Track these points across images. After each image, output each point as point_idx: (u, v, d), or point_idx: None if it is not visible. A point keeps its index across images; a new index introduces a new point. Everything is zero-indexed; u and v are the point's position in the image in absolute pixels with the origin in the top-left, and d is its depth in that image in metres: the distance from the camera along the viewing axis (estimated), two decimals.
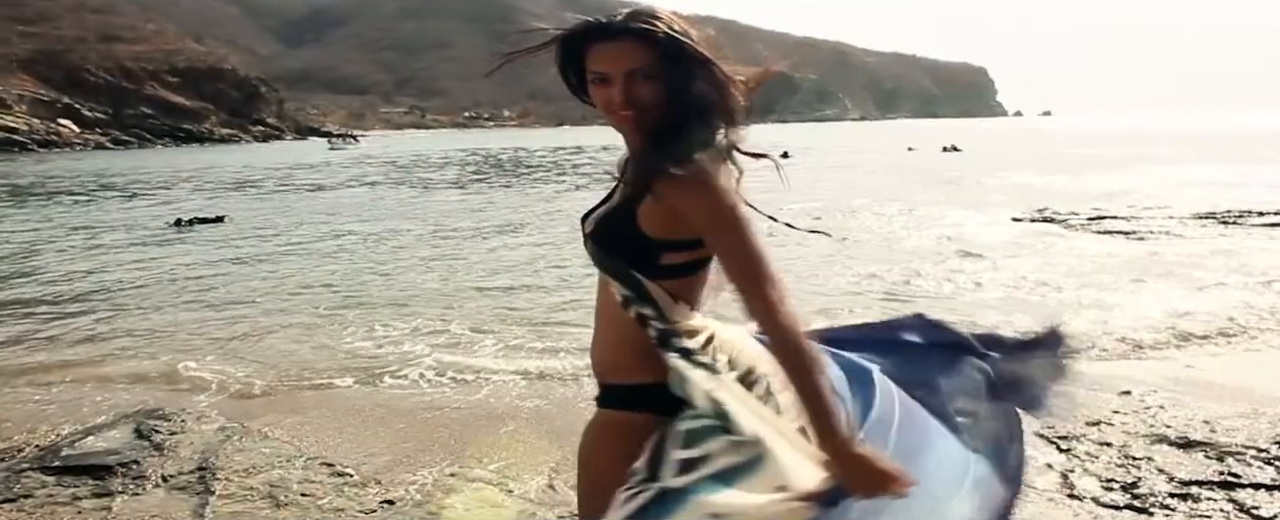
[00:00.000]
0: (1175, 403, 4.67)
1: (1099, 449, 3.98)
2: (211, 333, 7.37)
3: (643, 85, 1.48)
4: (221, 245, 13.49)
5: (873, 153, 45.95)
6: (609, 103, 1.51)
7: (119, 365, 6.28)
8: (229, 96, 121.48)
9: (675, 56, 1.47)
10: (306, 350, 6.71)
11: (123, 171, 40.16)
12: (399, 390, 5.57)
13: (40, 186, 30.57)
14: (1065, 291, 8.20)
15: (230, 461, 4.03)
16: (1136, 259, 9.74)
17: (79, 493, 3.67)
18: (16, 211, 20.80)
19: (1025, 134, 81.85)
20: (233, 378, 5.84)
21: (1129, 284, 8.35)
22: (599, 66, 1.50)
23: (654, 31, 1.46)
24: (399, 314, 7.94)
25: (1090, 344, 6.06)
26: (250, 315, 8.08)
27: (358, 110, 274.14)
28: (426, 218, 17.08)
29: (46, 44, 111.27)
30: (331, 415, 4.93)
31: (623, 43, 1.48)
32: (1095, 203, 15.17)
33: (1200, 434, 4.07)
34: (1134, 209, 13.98)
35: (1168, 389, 4.95)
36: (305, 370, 6.07)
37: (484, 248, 12.51)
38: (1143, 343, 6.11)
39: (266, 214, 18.79)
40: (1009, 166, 28.83)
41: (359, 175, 34.20)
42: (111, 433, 4.40)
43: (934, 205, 16.37)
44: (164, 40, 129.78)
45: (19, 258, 12.53)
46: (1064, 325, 2.03)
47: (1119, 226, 11.95)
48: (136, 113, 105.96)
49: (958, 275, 9.26)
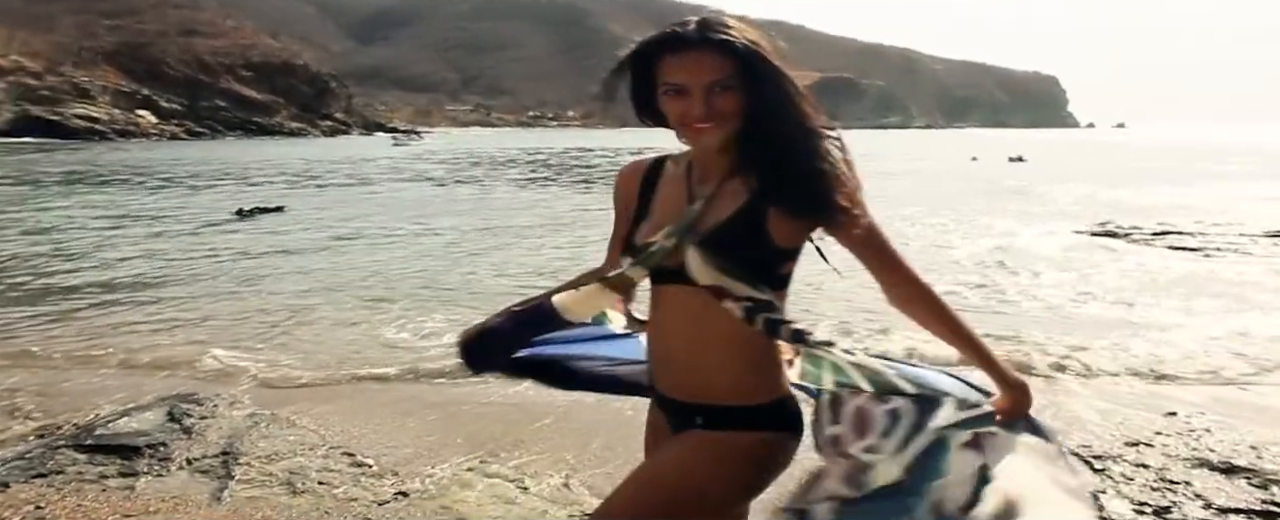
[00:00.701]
0: (1223, 426, 4.49)
1: (1136, 471, 3.84)
2: (256, 320, 7.53)
3: (722, 97, 1.45)
4: (278, 234, 13.81)
5: (934, 161, 45.24)
6: (685, 115, 1.47)
7: (164, 350, 6.43)
8: (300, 91, 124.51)
9: (754, 67, 1.44)
10: (347, 340, 6.81)
11: (194, 161, 41.37)
12: (434, 383, 5.59)
13: (114, 174, 31.60)
14: (1115, 307, 7.95)
15: (254, 447, 4.09)
16: (1197, 276, 9.41)
17: (106, 471, 3.76)
18: (91, 195, 21.53)
19: (1095, 145, 79.85)
20: (270, 365, 5.94)
21: (1186, 302, 8.06)
22: (676, 78, 1.45)
23: (733, 42, 1.43)
24: (443, 307, 8.04)
25: (1146, 366, 5.85)
26: (295, 304, 8.24)
27: (424, 107, 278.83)
28: (476, 213, 17.26)
29: (130, 37, 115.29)
30: (362, 406, 4.99)
31: (701, 53, 1.44)
32: (1162, 217, 14.70)
33: (1245, 459, 3.90)
34: (1201, 224, 13.51)
35: (1216, 412, 4.76)
36: (343, 360, 6.15)
37: (532, 245, 12.60)
38: (1195, 363, 5.87)
39: (324, 205, 19.20)
40: (1074, 178, 28.15)
41: (419, 171, 34.72)
42: (146, 415, 4.50)
43: (989, 215, 16.06)
44: (241, 36, 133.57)
45: (86, 241, 12.96)
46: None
47: (1184, 242, 11.56)
48: (211, 105, 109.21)
49: (1003, 288, 9.04)
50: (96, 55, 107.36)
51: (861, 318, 7.13)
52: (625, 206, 1.69)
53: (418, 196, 22.34)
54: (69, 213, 17.37)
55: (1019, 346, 6.42)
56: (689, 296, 1.53)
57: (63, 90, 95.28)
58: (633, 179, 1.68)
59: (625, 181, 1.70)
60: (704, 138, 1.48)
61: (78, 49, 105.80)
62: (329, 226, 15.02)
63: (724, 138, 1.48)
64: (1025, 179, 27.85)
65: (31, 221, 15.67)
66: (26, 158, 44.80)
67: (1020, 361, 5.85)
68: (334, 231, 14.35)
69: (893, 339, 6.37)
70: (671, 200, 1.58)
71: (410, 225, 15.28)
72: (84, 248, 12.31)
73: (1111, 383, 5.53)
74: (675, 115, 1.48)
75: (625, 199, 1.69)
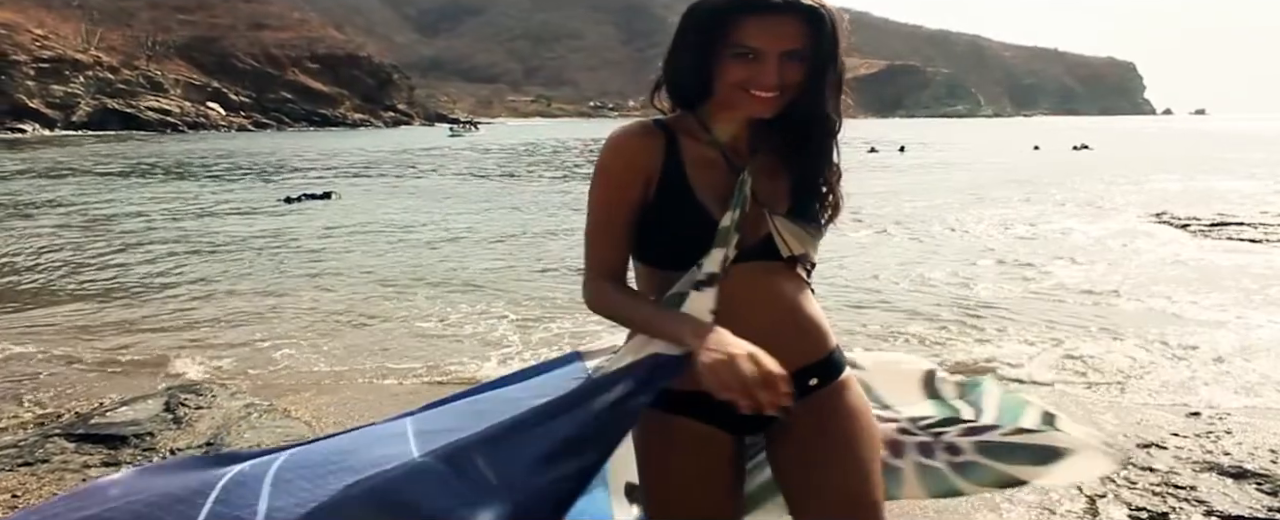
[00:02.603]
0: (1245, 428, 4.23)
1: (1141, 474, 3.63)
2: (278, 308, 7.64)
3: (792, 67, 1.37)
4: (318, 221, 14.07)
5: (995, 149, 44.21)
6: (752, 80, 1.38)
7: (178, 336, 6.56)
8: (363, 83, 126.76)
9: (832, 41, 1.38)
10: (364, 330, 6.85)
11: (257, 152, 42.41)
12: (443, 375, 5.59)
13: (180, 164, 32.53)
14: (1153, 299, 7.63)
15: (240, 438, 4.09)
16: (1251, 269, 8.97)
17: (91, 461, 3.79)
18: (154, 186, 22.14)
19: (1169, 134, 77.23)
20: (281, 355, 6.00)
21: (1233, 296, 7.68)
22: (753, 41, 1.36)
23: (820, 10, 1.36)
24: (469, 300, 8.03)
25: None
26: (320, 293, 8.33)
27: (486, 98, 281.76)
28: (518, 204, 17.32)
29: (201, 31, 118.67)
30: (361, 397, 4.98)
31: (785, 18, 1.35)
32: (1224, 208, 14.10)
33: (1259, 464, 3.65)
34: (1267, 215, 12.93)
35: (1243, 414, 4.49)
36: (356, 352, 6.18)
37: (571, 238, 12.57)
38: (1225, 362, 5.58)
39: (371, 194, 19.49)
40: (1140, 167, 27.25)
41: (471, 161, 35.05)
42: (143, 404, 4.54)
43: (1040, 205, 15.60)
44: (308, 28, 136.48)
45: (139, 228, 13.31)
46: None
47: (1245, 234, 11.05)
48: (277, 97, 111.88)
49: (1031, 279, 8.76)
50: (169, 49, 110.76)
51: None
52: (643, 180, 1.45)
53: (461, 188, 22.52)
54: (131, 202, 17.88)
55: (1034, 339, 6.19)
56: (766, 271, 1.46)
57: (138, 84, 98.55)
58: (652, 151, 1.45)
59: (641, 153, 1.45)
60: (764, 107, 1.40)
61: (152, 43, 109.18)
62: (369, 214, 15.26)
63: (778, 109, 1.41)
64: (1087, 168, 27.05)
65: (95, 211, 16.16)
66: (100, 149, 46.37)
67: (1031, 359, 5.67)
68: (373, 219, 14.56)
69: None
70: (719, 177, 1.45)
71: (449, 213, 15.41)
72: (137, 236, 12.63)
73: (1136, 380, 5.30)
74: (737, 79, 1.38)
75: (643, 172, 1.44)
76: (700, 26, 1.39)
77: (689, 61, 1.42)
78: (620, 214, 1.45)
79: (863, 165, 29.00)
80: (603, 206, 1.46)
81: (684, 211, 1.43)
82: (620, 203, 1.45)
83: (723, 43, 1.37)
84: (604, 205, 1.46)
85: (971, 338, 6.48)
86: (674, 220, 1.43)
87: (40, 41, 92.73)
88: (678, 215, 1.43)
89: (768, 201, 1.46)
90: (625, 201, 1.45)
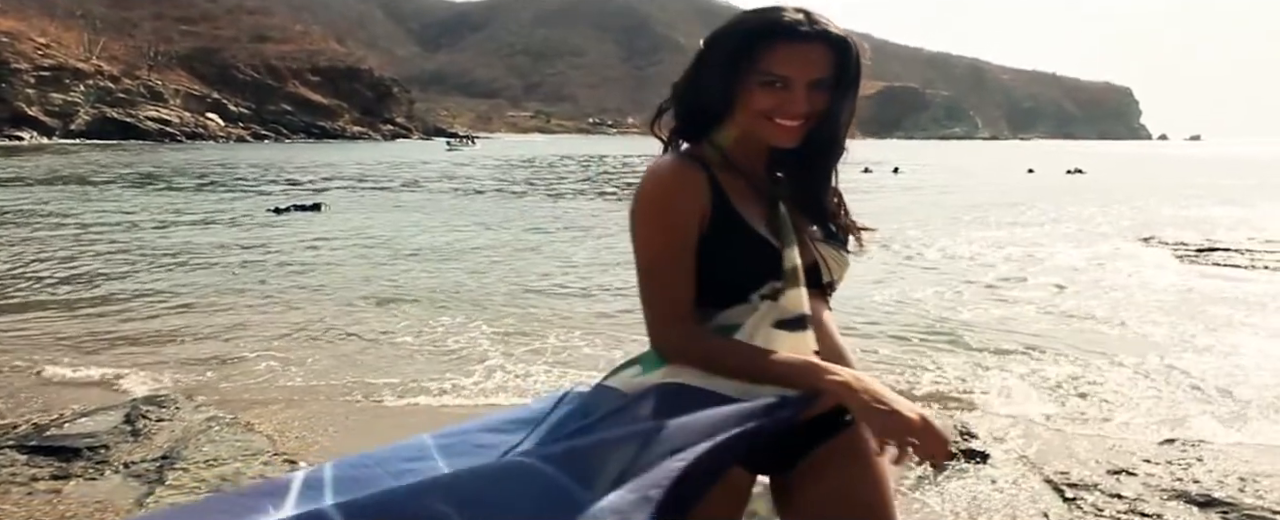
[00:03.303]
0: (1218, 456, 4.19)
1: (1108, 501, 3.58)
2: (258, 318, 7.59)
3: (818, 96, 1.38)
4: (307, 232, 14.01)
5: (990, 171, 44.31)
6: (779, 109, 1.38)
7: (151, 346, 6.50)
8: (363, 96, 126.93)
9: (856, 71, 1.40)
10: (341, 344, 6.78)
11: (253, 162, 42.39)
12: (413, 394, 5.48)
13: (176, 174, 32.48)
14: (1137, 324, 7.59)
15: (198, 452, 4.03)
16: (1235, 295, 8.94)
17: (40, 474, 3.72)
18: (148, 195, 22.10)
19: (1163, 159, 77.52)
20: (255, 367, 5.93)
21: (1216, 322, 7.65)
22: (783, 69, 1.36)
23: (847, 41, 1.38)
24: (449, 314, 7.94)
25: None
26: (300, 306, 8.27)
27: (485, 113, 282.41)
28: (507, 219, 17.28)
29: (203, 42, 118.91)
30: (328, 412, 4.91)
31: (814, 46, 1.37)
32: (1213, 233, 14.10)
33: (1227, 493, 3.62)
34: (1254, 241, 12.92)
35: (1218, 442, 4.45)
36: (332, 365, 6.10)
37: (558, 254, 12.53)
38: (1204, 389, 5.54)
39: (361, 206, 19.53)
40: (1131, 192, 27.29)
41: (465, 175, 35.05)
42: (104, 415, 4.48)
43: (1029, 228, 15.59)
44: (309, 41, 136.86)
45: (126, 237, 13.24)
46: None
47: (1232, 260, 11.03)
48: (277, 109, 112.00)
49: (1015, 302, 8.72)
50: (171, 59, 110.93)
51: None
52: (700, 215, 1.41)
53: (451, 202, 22.47)
54: (120, 210, 17.81)
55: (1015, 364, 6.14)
56: (810, 298, 1.44)
57: (138, 94, 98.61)
58: (702, 191, 1.41)
59: (694, 195, 1.40)
60: (788, 136, 1.41)
61: (154, 53, 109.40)
62: (356, 226, 15.23)
63: (800, 138, 1.42)
64: (1078, 192, 27.08)
65: (84, 219, 16.09)
66: (96, 158, 46.33)
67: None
68: (359, 231, 14.53)
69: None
70: (757, 207, 1.45)
71: (435, 227, 15.37)
72: (122, 244, 12.56)
73: (1114, 406, 5.26)
74: (766, 107, 1.38)
75: (700, 206, 1.40)
76: (729, 52, 1.38)
77: (716, 87, 1.40)
78: (688, 251, 1.40)
79: (855, 186, 29.02)
80: (668, 245, 1.39)
81: (747, 245, 1.41)
82: (687, 239, 1.40)
83: (751, 69, 1.37)
84: (669, 244, 1.39)
85: (949, 361, 6.43)
86: (737, 254, 1.41)
87: (42, 50, 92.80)
88: (740, 249, 1.41)
89: (800, 229, 1.46)
90: (691, 238, 1.40)
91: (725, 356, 1.36)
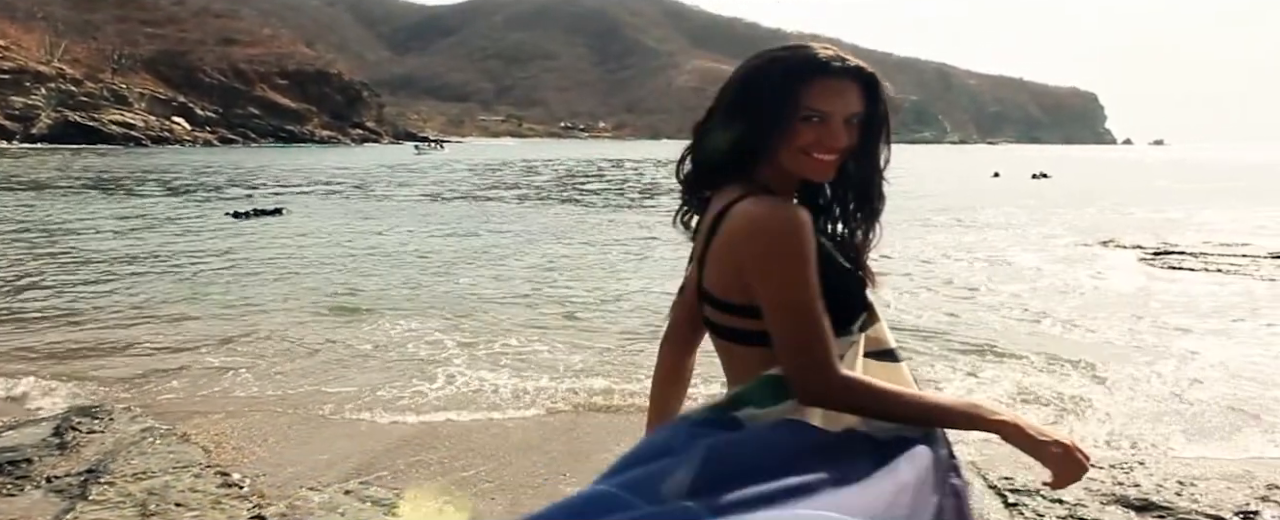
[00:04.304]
0: (1160, 460, 4.23)
1: (1049, 507, 3.60)
2: (210, 325, 7.44)
3: (852, 130, 1.44)
4: (266, 236, 13.81)
5: (956, 175, 44.70)
6: (818, 144, 1.41)
7: (93, 356, 6.34)
8: (332, 100, 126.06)
9: (886, 105, 1.48)
10: (294, 351, 6.64)
11: (217, 166, 41.91)
12: (367, 404, 5.37)
13: (135, 178, 31.97)
14: (1091, 327, 7.64)
15: (127, 465, 3.92)
16: (1189, 298, 9.04)
17: None
18: (102, 200, 21.72)
19: (1127, 163, 78.61)
20: (202, 376, 5.81)
21: (1168, 324, 7.71)
22: (823, 105, 1.41)
23: (877, 78, 1.45)
24: (407, 319, 7.82)
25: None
26: (254, 312, 8.12)
27: (457, 117, 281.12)
28: (469, 225, 17.17)
29: (169, 45, 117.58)
30: (270, 423, 4.80)
31: (847, 83, 1.42)
32: (1171, 236, 14.27)
33: (1164, 497, 3.64)
34: (1208, 244, 13.09)
35: (1163, 447, 4.49)
36: (284, 374, 5.98)
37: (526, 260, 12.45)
38: (1154, 393, 5.56)
39: (323, 210, 19.31)
40: (1094, 195, 27.63)
41: (430, 179, 34.83)
42: (32, 428, 4.36)
43: (989, 231, 15.71)
44: (278, 44, 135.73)
45: (71, 243, 13.00)
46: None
47: (1186, 263, 11.16)
48: (244, 113, 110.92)
49: (971, 305, 8.76)
50: (135, 62, 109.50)
51: None
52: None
53: (412, 206, 22.30)
54: (78, 216, 17.49)
55: (968, 369, 6.14)
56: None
57: (101, 97, 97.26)
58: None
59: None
60: (826, 170, 1.45)
61: (117, 56, 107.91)
62: (316, 231, 15.06)
63: (834, 171, 1.47)
64: (1043, 196, 27.36)
65: (40, 223, 15.79)
66: (55, 162, 45.58)
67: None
68: (318, 236, 14.35)
69: None
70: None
71: (392, 234, 15.22)
72: (75, 252, 12.31)
73: (1064, 409, 5.27)
74: (806, 143, 1.42)
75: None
76: (774, 90, 1.41)
77: (765, 124, 1.42)
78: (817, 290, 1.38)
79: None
80: (813, 283, 1.35)
81: (841, 278, 1.45)
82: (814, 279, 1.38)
83: (793, 106, 1.40)
84: (813, 282, 1.35)
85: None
86: (842, 290, 1.43)
87: (1, 53, 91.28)
88: (843, 285, 1.44)
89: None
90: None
91: (893, 401, 1.35)
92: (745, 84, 1.45)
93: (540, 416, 5.09)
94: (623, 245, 13.77)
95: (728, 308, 1.41)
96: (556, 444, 4.53)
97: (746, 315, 1.39)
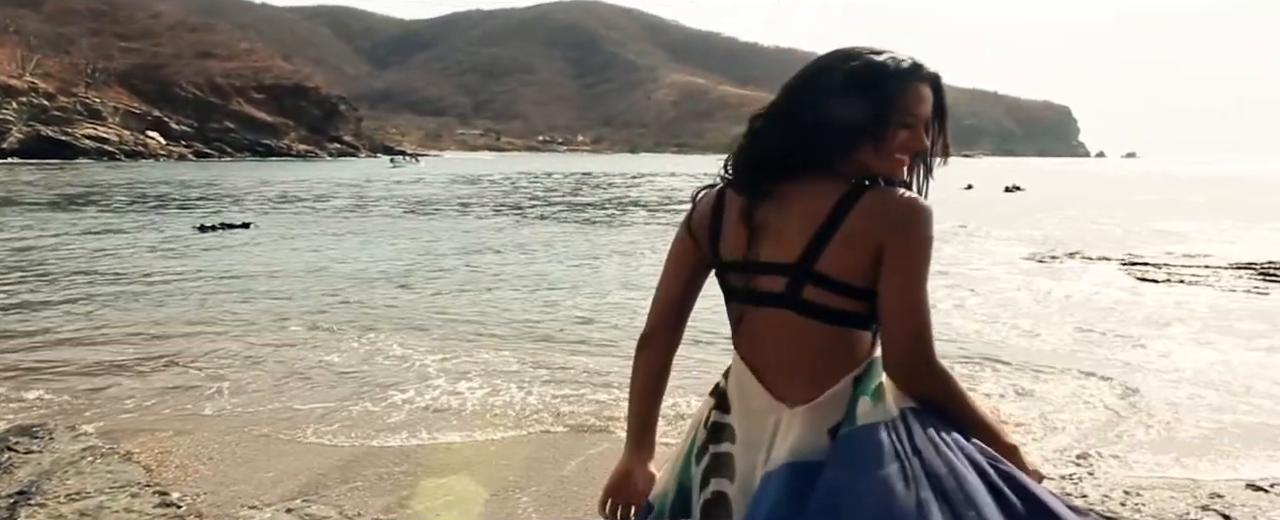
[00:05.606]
0: (1109, 470, 4.26)
1: None
2: (169, 339, 7.37)
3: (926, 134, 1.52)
4: (233, 249, 13.71)
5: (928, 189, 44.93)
6: (906, 146, 1.49)
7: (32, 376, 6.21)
8: (309, 114, 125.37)
9: (945, 113, 1.53)
10: (257, 366, 6.56)
11: (191, 182, 41.49)
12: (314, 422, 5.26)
13: (105, 193, 31.63)
14: (1049, 339, 7.67)
15: (62, 486, 3.83)
16: (1151, 308, 9.12)
17: None
18: (70, 214, 21.46)
19: (1099, 175, 79.50)
20: (149, 393, 5.71)
21: (1133, 338, 7.75)
22: (918, 110, 1.48)
23: (941, 84, 1.51)
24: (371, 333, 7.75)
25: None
26: (217, 326, 8.03)
27: (435, 131, 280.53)
28: (437, 237, 17.09)
29: (144, 59, 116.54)
30: (217, 440, 4.74)
31: (927, 89, 1.49)
32: (1139, 248, 14.42)
33: (1109, 506, 3.67)
34: (1172, 255, 13.23)
35: (1117, 458, 4.50)
36: (243, 389, 5.89)
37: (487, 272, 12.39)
38: (1112, 405, 5.58)
39: (292, 224, 19.19)
40: (1066, 207, 27.89)
41: (403, 193, 34.70)
42: None
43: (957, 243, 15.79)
44: (255, 58, 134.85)
45: (29, 255, 12.82)
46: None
47: (1150, 274, 11.26)
48: (220, 127, 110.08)
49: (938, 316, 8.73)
50: (109, 76, 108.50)
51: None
52: None
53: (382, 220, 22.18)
54: (44, 231, 17.25)
55: None
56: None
57: (74, 111, 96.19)
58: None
59: None
60: (902, 169, 1.50)
61: (91, 70, 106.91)
62: (283, 244, 15.00)
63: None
64: (1015, 208, 27.59)
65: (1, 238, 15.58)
66: (25, 177, 45.05)
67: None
68: (286, 249, 14.27)
69: None
70: None
71: (361, 247, 15.15)
72: (35, 267, 12.14)
73: (1022, 421, 5.27)
74: (900, 145, 1.48)
75: None
76: (878, 96, 1.45)
77: (869, 126, 1.45)
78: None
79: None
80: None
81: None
82: None
83: (899, 111, 1.46)
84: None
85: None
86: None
87: None
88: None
89: None
90: None
91: (962, 401, 1.44)
92: (848, 86, 1.46)
93: (495, 436, 5.03)
94: (594, 260, 13.74)
95: (841, 288, 1.42)
96: (508, 461, 4.49)
97: (855, 297, 1.43)
